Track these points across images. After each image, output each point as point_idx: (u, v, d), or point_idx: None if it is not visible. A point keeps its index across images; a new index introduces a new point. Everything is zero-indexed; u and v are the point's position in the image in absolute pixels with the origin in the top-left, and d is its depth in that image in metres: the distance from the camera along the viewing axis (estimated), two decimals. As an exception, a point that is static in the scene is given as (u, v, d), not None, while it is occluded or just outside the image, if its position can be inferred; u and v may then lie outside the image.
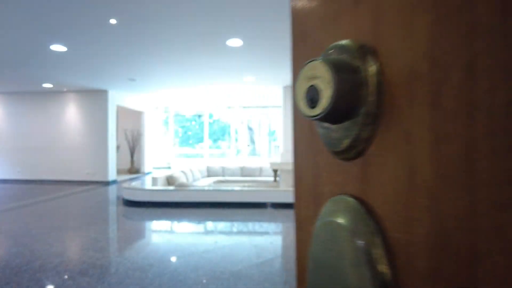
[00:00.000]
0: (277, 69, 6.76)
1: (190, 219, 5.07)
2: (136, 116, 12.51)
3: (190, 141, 18.51)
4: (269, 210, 5.61)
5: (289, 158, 8.33)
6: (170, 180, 8.48)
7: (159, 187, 6.39)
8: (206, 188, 6.22)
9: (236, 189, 6.07)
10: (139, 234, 4.14)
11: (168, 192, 6.17)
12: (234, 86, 8.32)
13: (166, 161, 14.67)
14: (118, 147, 12.76)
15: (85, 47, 4.96)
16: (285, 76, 7.44)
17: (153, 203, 6.10)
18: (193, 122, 18.36)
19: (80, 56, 5.52)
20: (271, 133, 17.28)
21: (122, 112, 12.54)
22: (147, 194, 6.22)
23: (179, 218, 5.15)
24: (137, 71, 6.83)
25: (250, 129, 17.64)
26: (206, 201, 6.05)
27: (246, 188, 6.07)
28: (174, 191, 6.15)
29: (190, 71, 6.76)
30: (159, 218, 5.18)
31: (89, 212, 5.50)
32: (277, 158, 9.91)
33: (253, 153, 17.15)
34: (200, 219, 5.04)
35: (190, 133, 18.64)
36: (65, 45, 4.87)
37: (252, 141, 17.55)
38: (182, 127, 18.55)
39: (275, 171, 8.90)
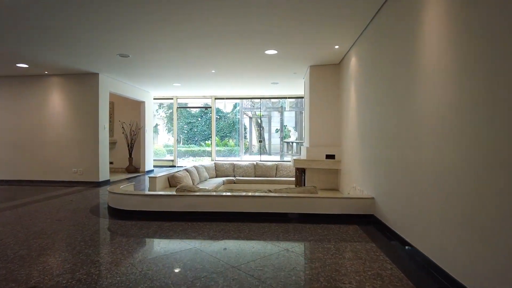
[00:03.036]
0: (305, 39, 5.10)
1: (198, 241, 3.43)
2: (135, 106, 10.91)
3: (196, 138, 17.12)
4: (308, 226, 3.96)
5: (316, 154, 6.65)
6: (172, 181, 6.87)
7: (153, 192, 4.78)
8: (219, 193, 4.58)
9: (264, 195, 4.41)
10: (116, 277, 2.50)
11: (167, 199, 4.54)
12: (253, 61, 6.63)
13: (170, 159, 13.08)
14: (114, 143, 11.20)
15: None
16: (315, 50, 5.77)
17: (147, 214, 4.48)
18: (199, 119, 16.94)
19: (39, 8, 3.90)
20: (283, 129, 15.71)
21: (119, 102, 10.97)
22: (138, 201, 4.60)
23: (182, 237, 3.52)
24: (129, 41, 5.20)
25: (259, 125, 16.18)
26: (219, 210, 4.41)
27: (280, 194, 4.42)
28: (174, 198, 4.52)
29: (198, 39, 5.11)
30: (152, 237, 3.56)
31: (55, 228, 3.89)
32: (292, 155, 8.17)
33: (263, 151, 15.65)
34: (215, 242, 3.40)
35: (196, 130, 17.23)
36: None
37: (262, 138, 16.06)
38: (188, 123, 17.17)
39: (299, 170, 7.24)
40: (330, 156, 6.58)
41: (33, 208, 5.08)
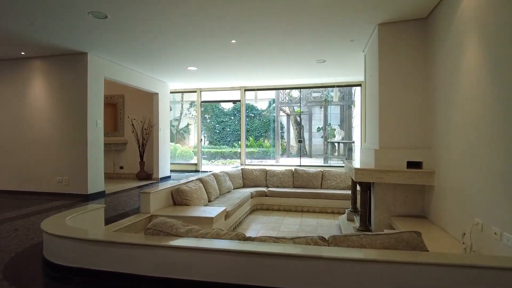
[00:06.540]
0: None
1: None
2: (146, 99, 9.07)
3: (229, 139, 15.30)
4: None
5: (391, 161, 4.21)
6: (176, 197, 4.78)
7: (102, 235, 2.53)
8: (222, 246, 2.33)
9: (314, 256, 2.08)
10: None
11: (125, 251, 2.39)
12: (289, 17, 4.29)
13: (193, 163, 11.19)
14: (125, 144, 9.47)
15: None
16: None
17: (93, 276, 2.39)
18: (232, 117, 15.09)
19: None
20: (326, 127, 13.22)
21: (131, 94, 9.22)
22: (79, 251, 2.51)
23: None
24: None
25: (298, 123, 13.92)
26: (221, 281, 2.19)
27: (344, 255, 2.06)
28: (139, 248, 2.37)
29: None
30: None
31: None
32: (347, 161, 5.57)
33: (303, 152, 13.38)
34: None
35: (228, 130, 15.43)
36: None
37: (302, 137, 13.78)
38: (220, 122, 15.43)
39: (361, 184, 4.71)
40: (413, 164, 4.12)
41: None
